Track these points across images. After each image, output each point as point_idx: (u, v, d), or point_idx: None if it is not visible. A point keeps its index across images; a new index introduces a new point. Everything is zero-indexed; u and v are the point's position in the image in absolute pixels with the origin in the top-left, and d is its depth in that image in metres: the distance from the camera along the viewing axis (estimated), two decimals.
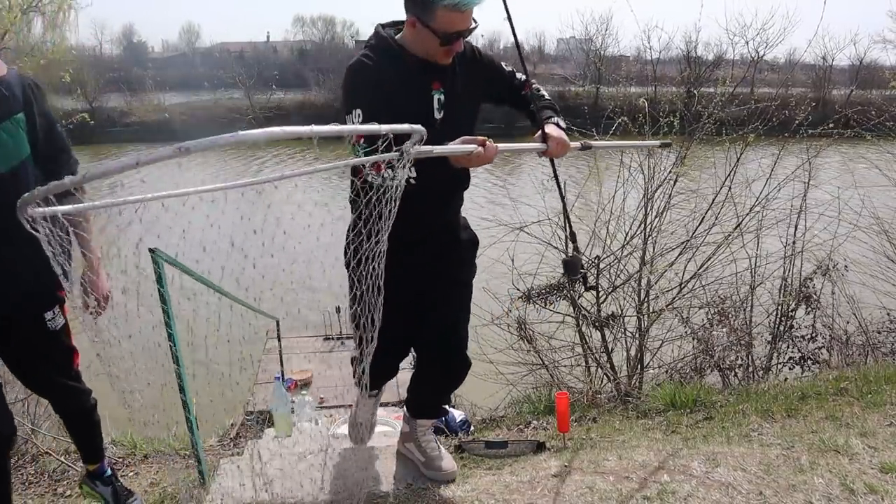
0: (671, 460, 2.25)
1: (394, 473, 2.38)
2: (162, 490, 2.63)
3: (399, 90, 1.92)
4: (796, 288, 4.90)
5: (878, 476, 2.10)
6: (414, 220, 1.84)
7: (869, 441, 2.35)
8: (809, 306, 4.86)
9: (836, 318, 4.92)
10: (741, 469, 2.17)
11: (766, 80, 11.02)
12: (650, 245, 4.77)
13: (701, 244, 4.88)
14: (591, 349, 4.69)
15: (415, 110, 1.82)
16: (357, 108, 1.88)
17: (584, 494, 2.06)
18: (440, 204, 2.16)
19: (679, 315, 4.79)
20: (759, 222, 4.90)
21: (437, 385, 2.42)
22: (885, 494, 1.99)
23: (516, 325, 4.90)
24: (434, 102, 1.99)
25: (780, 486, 2.06)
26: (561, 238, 4.84)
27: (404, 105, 1.88)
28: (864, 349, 4.62)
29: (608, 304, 4.76)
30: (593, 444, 2.75)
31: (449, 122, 2.00)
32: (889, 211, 5.64)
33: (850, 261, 5.18)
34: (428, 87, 1.99)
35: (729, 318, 4.65)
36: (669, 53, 24.45)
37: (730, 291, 4.88)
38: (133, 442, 3.36)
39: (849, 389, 3.00)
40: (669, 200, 4.83)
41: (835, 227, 5.12)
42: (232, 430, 4.85)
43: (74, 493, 2.72)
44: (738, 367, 4.49)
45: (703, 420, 2.95)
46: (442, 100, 2.00)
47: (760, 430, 2.65)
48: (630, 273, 4.83)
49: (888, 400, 2.84)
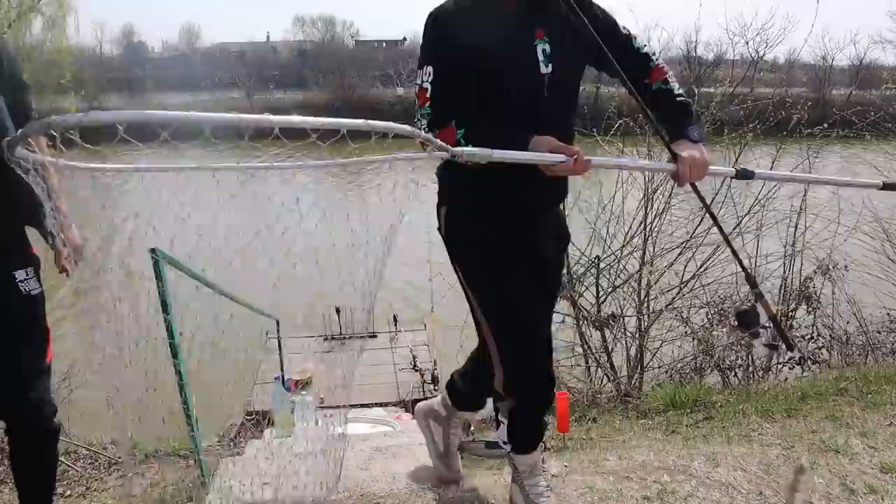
0: (671, 460, 2.25)
1: (394, 473, 2.38)
2: (162, 490, 2.62)
3: (492, 39, 1.55)
4: (796, 288, 4.90)
5: (878, 476, 2.09)
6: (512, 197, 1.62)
7: (869, 441, 2.35)
8: (809, 306, 4.86)
9: (836, 318, 4.92)
10: (741, 469, 2.17)
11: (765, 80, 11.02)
12: (650, 245, 4.77)
13: (701, 244, 4.87)
14: (591, 349, 4.69)
15: (514, 64, 1.55)
16: (428, 65, 1.57)
17: (584, 494, 2.06)
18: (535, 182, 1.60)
19: (679, 315, 4.79)
20: (758, 222, 4.90)
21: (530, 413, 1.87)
22: (885, 494, 1.99)
23: None
24: (538, 54, 1.58)
25: (780, 486, 2.06)
26: None
27: (499, 57, 1.55)
28: (864, 349, 4.62)
29: (608, 304, 4.76)
30: (593, 444, 2.76)
31: (557, 81, 1.60)
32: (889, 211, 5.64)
33: (851, 261, 5.18)
34: (530, 35, 1.59)
35: (729, 318, 4.65)
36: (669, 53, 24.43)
37: (730, 291, 4.88)
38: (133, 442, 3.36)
39: (849, 389, 2.99)
40: (669, 200, 4.83)
41: (835, 228, 5.12)
42: (232, 430, 4.85)
43: (75, 493, 2.72)
44: (738, 367, 4.49)
45: (703, 420, 2.95)
46: (548, 51, 1.58)
47: (760, 430, 2.65)
48: (630, 273, 4.83)
49: (888, 400, 2.83)
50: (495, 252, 1.70)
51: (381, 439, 3.32)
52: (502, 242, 1.70)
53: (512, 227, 1.71)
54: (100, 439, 3.48)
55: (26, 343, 1.76)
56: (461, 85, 1.55)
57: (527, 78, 1.55)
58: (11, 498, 2.63)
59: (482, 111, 1.58)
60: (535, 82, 1.57)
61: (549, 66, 1.59)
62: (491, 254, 1.71)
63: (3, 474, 2.89)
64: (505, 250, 1.70)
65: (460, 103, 1.55)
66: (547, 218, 1.80)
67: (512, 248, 1.70)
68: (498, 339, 1.76)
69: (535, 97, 1.58)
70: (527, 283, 1.73)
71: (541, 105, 1.58)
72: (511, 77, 1.54)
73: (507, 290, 1.71)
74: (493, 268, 1.71)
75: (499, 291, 1.72)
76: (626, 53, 1.70)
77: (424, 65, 1.57)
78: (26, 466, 1.86)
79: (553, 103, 1.61)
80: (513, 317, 1.74)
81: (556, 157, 1.45)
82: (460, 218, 1.76)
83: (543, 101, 1.59)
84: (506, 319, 1.74)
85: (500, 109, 1.58)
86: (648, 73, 1.72)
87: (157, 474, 2.91)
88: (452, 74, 1.55)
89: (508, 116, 1.57)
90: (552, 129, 1.54)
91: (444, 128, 1.54)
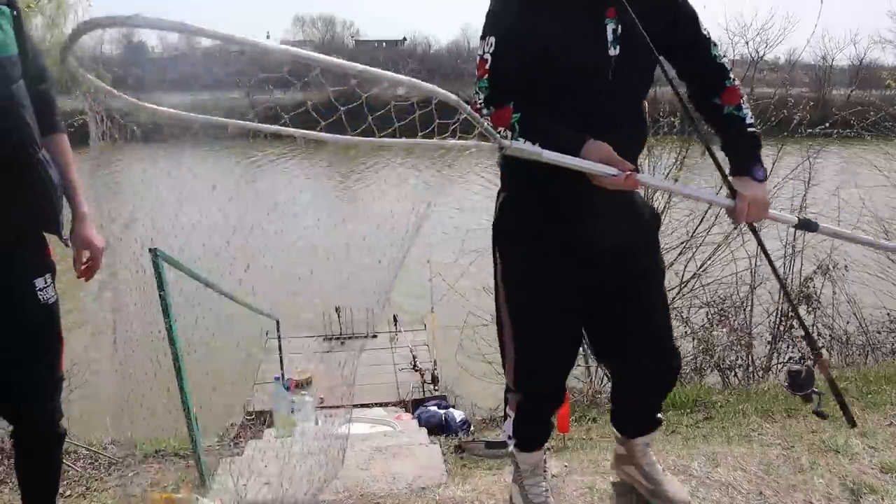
0: (671, 460, 2.25)
1: (394, 473, 2.38)
2: (162, 490, 2.62)
3: (558, 14, 1.46)
4: (796, 288, 4.90)
5: (878, 476, 2.09)
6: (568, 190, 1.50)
7: (869, 441, 2.35)
8: (809, 306, 4.86)
9: (836, 318, 4.92)
10: (741, 469, 2.17)
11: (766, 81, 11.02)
12: None
13: (701, 244, 4.88)
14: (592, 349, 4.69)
15: (579, 43, 1.46)
16: (491, 35, 1.48)
17: (584, 494, 2.06)
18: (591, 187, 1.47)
19: (679, 315, 4.79)
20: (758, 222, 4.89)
21: (648, 396, 1.88)
22: (885, 494, 1.98)
23: None
24: (607, 33, 1.48)
25: (780, 486, 2.05)
26: None
27: (564, 35, 1.45)
28: (864, 349, 4.63)
29: None
30: (593, 444, 2.76)
31: (626, 64, 1.49)
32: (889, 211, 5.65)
33: (851, 261, 5.18)
34: (600, 13, 1.47)
35: (729, 318, 4.66)
36: None
37: (730, 291, 4.88)
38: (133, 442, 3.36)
39: (849, 389, 2.99)
40: (669, 200, 4.83)
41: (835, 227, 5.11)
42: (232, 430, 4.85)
43: (75, 493, 2.72)
44: (738, 367, 4.49)
45: (703, 420, 2.95)
46: (618, 31, 1.48)
47: (760, 430, 2.65)
48: None
49: (888, 400, 2.84)
50: (537, 255, 1.62)
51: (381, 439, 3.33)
52: (547, 248, 1.61)
53: (561, 230, 1.60)
54: (100, 439, 3.48)
55: (43, 351, 1.72)
56: (523, 60, 1.47)
57: (591, 58, 1.46)
58: (11, 498, 2.63)
59: (543, 91, 1.50)
60: (600, 64, 1.48)
61: (616, 48, 1.48)
62: (532, 255, 1.63)
63: (3, 474, 2.89)
64: (547, 255, 1.61)
65: (520, 80, 1.48)
66: (608, 226, 1.57)
67: (556, 255, 1.61)
68: (515, 342, 1.73)
69: (599, 80, 1.48)
70: (560, 295, 1.64)
71: (604, 89, 1.48)
72: (575, 56, 1.46)
73: (535, 300, 1.65)
74: (530, 271, 1.64)
75: (528, 297, 1.66)
76: (701, 57, 1.59)
77: (487, 35, 1.49)
78: (34, 470, 1.84)
79: (619, 88, 1.50)
80: (534, 328, 1.68)
81: (607, 168, 1.38)
82: (512, 210, 1.67)
83: (608, 84, 1.49)
84: (526, 327, 1.69)
85: (562, 90, 1.49)
86: (721, 90, 1.58)
87: (157, 474, 2.90)
88: (515, 47, 1.46)
89: (570, 98, 1.48)
90: (615, 116, 1.49)
91: (501, 107, 1.47)
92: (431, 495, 2.16)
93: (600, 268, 1.63)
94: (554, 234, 1.60)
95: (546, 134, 1.42)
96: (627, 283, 1.68)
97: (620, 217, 1.60)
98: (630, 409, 1.93)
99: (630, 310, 1.70)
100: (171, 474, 2.84)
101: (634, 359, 1.75)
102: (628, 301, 1.69)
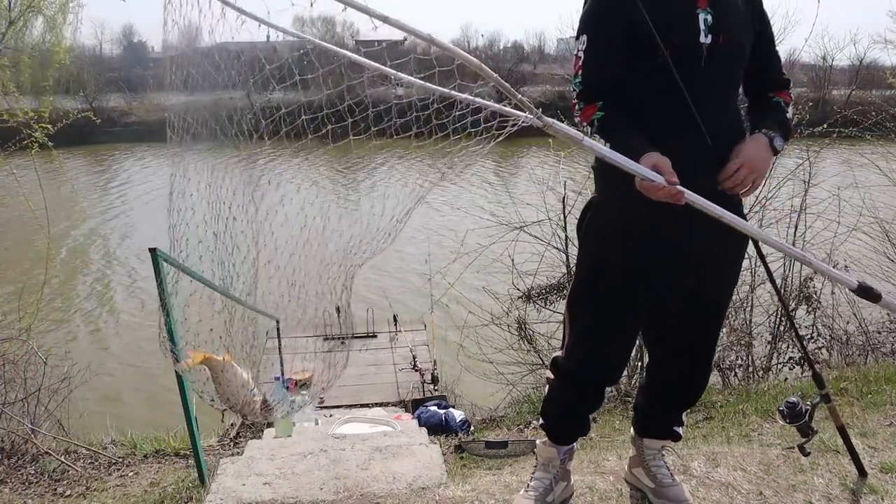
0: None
1: (394, 473, 2.38)
2: (162, 490, 2.62)
3: (650, 4, 1.48)
4: (796, 288, 4.89)
5: (878, 476, 2.09)
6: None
7: (869, 441, 2.35)
8: (809, 306, 4.86)
9: (836, 318, 4.92)
10: (741, 469, 2.17)
11: None
12: None
13: None
14: None
15: (671, 33, 1.49)
16: (584, 34, 1.56)
17: (584, 494, 2.06)
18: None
19: None
20: (758, 222, 4.89)
21: (675, 403, 1.95)
22: (885, 494, 1.98)
23: (516, 325, 4.90)
24: (699, 22, 1.50)
25: (780, 486, 2.05)
26: (561, 238, 4.83)
27: (656, 24, 1.47)
28: (864, 349, 4.62)
29: None
30: (593, 445, 2.76)
31: (719, 54, 1.52)
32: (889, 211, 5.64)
33: (851, 261, 5.18)
34: (691, 3, 1.51)
35: (729, 318, 4.65)
36: None
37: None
38: (133, 442, 3.36)
39: (849, 389, 3.00)
40: None
41: (835, 228, 5.12)
42: (232, 430, 4.85)
43: (75, 493, 2.72)
44: (738, 367, 4.49)
45: (703, 420, 2.95)
46: (709, 21, 1.50)
47: (760, 430, 2.65)
48: None
49: (888, 400, 2.84)
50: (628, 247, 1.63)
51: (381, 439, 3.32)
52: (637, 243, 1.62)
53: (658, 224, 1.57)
54: (100, 439, 3.48)
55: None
56: (615, 58, 1.53)
57: (684, 48, 1.48)
58: (11, 498, 2.64)
59: (637, 82, 1.54)
60: (693, 53, 1.50)
61: (708, 36, 1.51)
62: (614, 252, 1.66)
63: (2, 474, 2.90)
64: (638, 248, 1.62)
65: (610, 78, 1.55)
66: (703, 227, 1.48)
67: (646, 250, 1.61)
68: (572, 330, 1.79)
69: (692, 69, 1.50)
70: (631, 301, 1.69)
71: (697, 78, 1.50)
72: (670, 41, 1.47)
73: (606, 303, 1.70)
74: (608, 268, 1.68)
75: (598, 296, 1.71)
76: (770, 61, 1.67)
77: (581, 34, 1.56)
78: None
79: (711, 78, 1.52)
80: (593, 324, 1.73)
81: (650, 172, 1.35)
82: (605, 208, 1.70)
83: (700, 72, 1.50)
84: (587, 321, 1.75)
85: (654, 79, 1.52)
86: (780, 91, 1.68)
87: (157, 474, 2.90)
88: (607, 45, 1.53)
89: (661, 87, 1.50)
90: (709, 104, 1.51)
91: (591, 104, 1.56)
92: (431, 495, 2.16)
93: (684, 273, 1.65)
94: (647, 230, 1.60)
95: (615, 134, 1.50)
96: (699, 300, 1.72)
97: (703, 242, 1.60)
98: (648, 410, 2.01)
99: (690, 328, 1.77)
100: (171, 474, 2.84)
101: (675, 372, 1.86)
102: (694, 317, 1.75)
